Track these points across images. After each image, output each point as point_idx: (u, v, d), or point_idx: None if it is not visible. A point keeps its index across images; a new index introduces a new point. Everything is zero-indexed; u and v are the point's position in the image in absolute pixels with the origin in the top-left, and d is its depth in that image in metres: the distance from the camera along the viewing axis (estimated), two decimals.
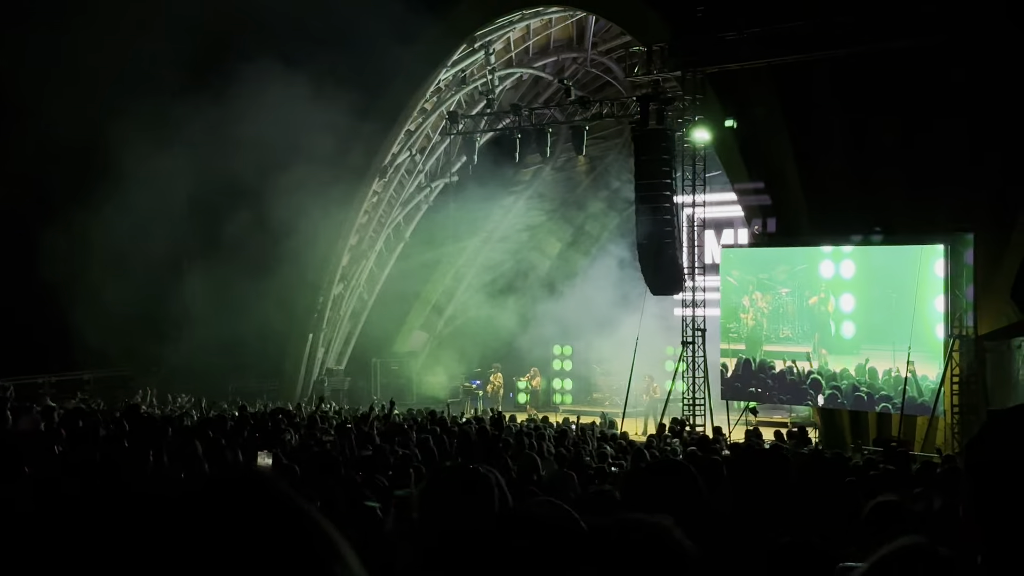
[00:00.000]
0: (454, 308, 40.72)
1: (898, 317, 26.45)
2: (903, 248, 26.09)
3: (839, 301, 28.57)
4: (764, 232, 28.33)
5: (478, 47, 34.43)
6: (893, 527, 4.97)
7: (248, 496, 1.09)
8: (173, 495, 1.09)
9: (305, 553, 1.06)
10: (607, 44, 34.68)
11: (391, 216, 37.47)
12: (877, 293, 27.12)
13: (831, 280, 28.06)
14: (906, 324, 26.07)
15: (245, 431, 16.48)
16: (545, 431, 20.33)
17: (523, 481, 9.98)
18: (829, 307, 27.81)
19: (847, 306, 28.27)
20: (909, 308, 26.25)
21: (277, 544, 1.05)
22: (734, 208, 30.57)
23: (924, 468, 14.38)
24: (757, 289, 29.28)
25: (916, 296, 25.79)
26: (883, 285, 27.06)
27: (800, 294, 29.39)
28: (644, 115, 28.29)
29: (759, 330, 29.12)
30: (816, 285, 28.48)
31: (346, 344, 38.76)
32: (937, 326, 25.36)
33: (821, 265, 28.34)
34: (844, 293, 28.20)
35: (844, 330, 28.28)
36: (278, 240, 32.95)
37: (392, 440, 15.11)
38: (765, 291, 29.06)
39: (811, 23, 25.13)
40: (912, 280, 25.98)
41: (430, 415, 22.79)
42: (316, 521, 1.10)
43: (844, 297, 28.26)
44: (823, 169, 26.43)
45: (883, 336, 26.85)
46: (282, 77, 30.50)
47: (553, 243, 41.07)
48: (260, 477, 1.11)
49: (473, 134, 34.68)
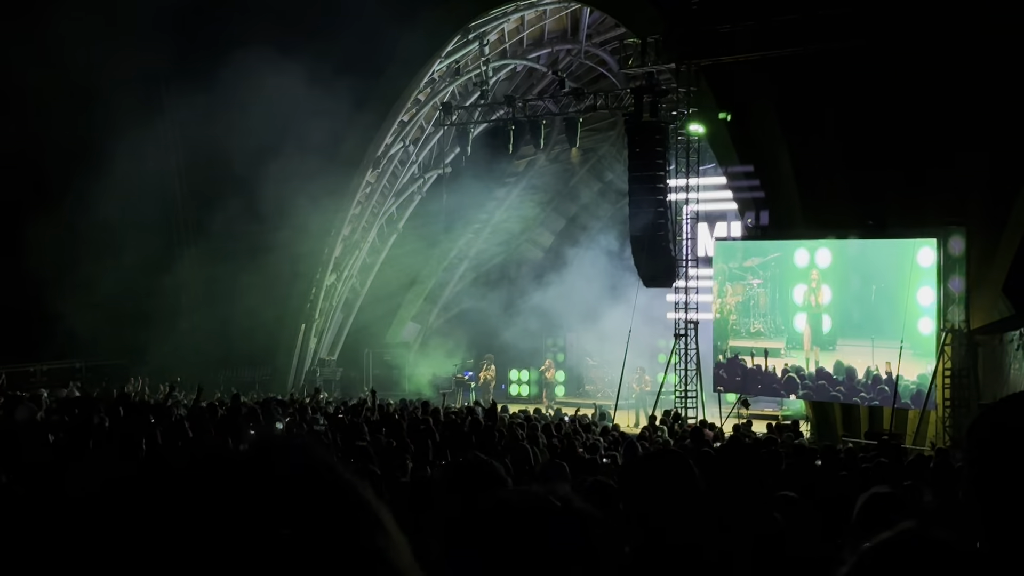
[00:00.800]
0: (447, 299, 40.71)
1: (878, 311, 26.32)
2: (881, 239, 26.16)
3: (818, 293, 28.48)
4: (757, 225, 28.35)
5: (472, 38, 34.39)
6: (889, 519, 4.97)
7: (292, 462, 1.08)
8: (215, 460, 1.09)
9: (350, 521, 1.05)
10: (601, 36, 34.65)
11: (384, 207, 37.45)
12: (855, 285, 26.91)
13: (804, 269, 27.97)
14: (886, 318, 26.01)
15: (237, 420, 16.47)
16: (538, 423, 20.34)
17: (517, 472, 9.98)
18: (819, 298, 27.60)
19: (824, 298, 28.17)
20: (890, 301, 26.18)
21: (322, 511, 1.05)
22: (727, 201, 30.60)
23: (915, 461, 14.42)
24: (728, 280, 29.20)
25: (898, 289, 25.75)
26: (861, 277, 26.87)
27: (773, 285, 29.26)
28: (638, 107, 28.30)
29: (724, 324, 29.06)
30: (791, 275, 28.34)
31: (339, 334, 38.74)
32: (920, 320, 25.24)
33: (796, 254, 28.21)
34: (821, 284, 28.13)
35: (821, 324, 28.22)
36: (271, 230, 32.93)
37: (382, 430, 15.10)
38: (735, 282, 28.96)
39: (805, 16, 25.16)
40: (893, 272, 25.92)
41: (423, 405, 22.78)
42: (359, 489, 1.09)
43: (820, 289, 28.18)
44: (816, 162, 26.44)
45: (861, 330, 26.68)
46: (276, 66, 30.43)
47: (546, 235, 41.07)
48: (303, 444, 1.10)
49: (467, 125, 34.65)
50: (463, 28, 33.85)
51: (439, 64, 34.90)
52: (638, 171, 28.39)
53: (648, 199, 28.18)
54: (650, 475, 3.96)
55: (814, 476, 12.55)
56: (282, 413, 18.16)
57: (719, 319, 29.25)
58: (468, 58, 35.35)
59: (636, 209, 28.55)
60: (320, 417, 19.00)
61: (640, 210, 28.37)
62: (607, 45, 34.51)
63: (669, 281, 29.05)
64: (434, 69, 34.97)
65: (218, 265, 33.15)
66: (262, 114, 30.90)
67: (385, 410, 21.38)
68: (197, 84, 31.10)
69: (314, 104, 30.88)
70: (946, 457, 14.32)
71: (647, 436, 19.42)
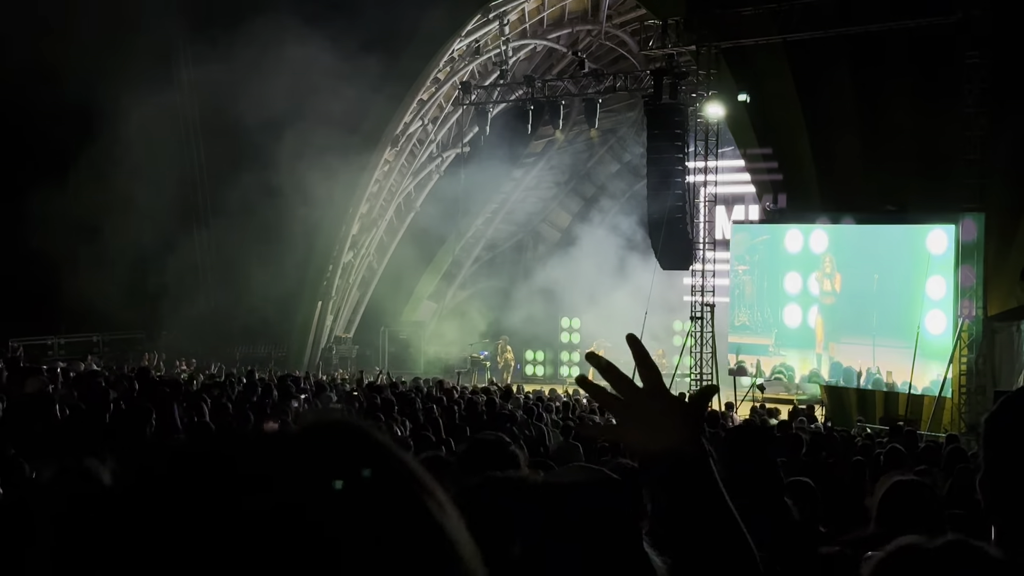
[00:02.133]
0: (463, 279, 40.73)
1: (881, 304, 25.83)
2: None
3: (807, 282, 27.85)
4: (775, 208, 28.27)
5: (492, 17, 34.32)
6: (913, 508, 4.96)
7: (357, 445, 1.08)
8: (269, 437, 1.09)
9: (418, 507, 1.05)
10: (622, 17, 34.55)
11: (402, 185, 37.45)
12: (854, 275, 26.38)
13: (798, 256, 27.66)
14: (890, 313, 25.53)
15: (254, 396, 16.52)
16: (552, 403, 20.38)
17: (531, 452, 9.99)
18: (835, 285, 27.10)
19: (815, 288, 27.69)
20: (895, 293, 25.63)
21: (389, 496, 1.04)
22: (746, 184, 30.53)
23: (929, 448, 14.39)
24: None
25: (905, 279, 25.37)
26: (862, 265, 26.30)
27: (761, 272, 28.82)
28: (657, 89, 28.24)
29: None
30: (781, 261, 27.99)
31: (355, 312, 38.80)
32: (929, 315, 24.76)
33: (787, 237, 27.81)
34: (813, 272, 27.74)
35: (810, 318, 27.76)
36: (289, 206, 32.91)
37: (401, 410, 15.13)
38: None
39: (826, 0, 25.05)
40: (900, 260, 25.51)
41: (437, 384, 22.84)
42: (423, 475, 1.09)
43: (813, 277, 27.65)
44: (835, 146, 26.37)
45: (860, 326, 26.23)
46: (295, 40, 30.37)
47: (564, 216, 41.03)
48: (363, 425, 1.10)
49: (486, 105, 34.59)
50: (483, 7, 33.76)
51: (459, 43, 34.83)
52: (657, 153, 28.35)
53: (666, 181, 28.14)
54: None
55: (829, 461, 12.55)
56: (296, 391, 18.20)
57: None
58: (488, 37, 35.28)
59: (654, 191, 28.52)
60: (333, 395, 19.04)
61: (658, 192, 28.34)
62: (627, 26, 34.40)
63: (686, 263, 29.03)
64: (454, 48, 34.90)
65: (235, 240, 33.16)
66: (281, 89, 30.84)
67: (399, 388, 21.43)
68: (214, 56, 30.97)
69: (333, 80, 30.81)
70: (957, 443, 14.31)
71: None
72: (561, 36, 35.75)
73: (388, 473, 1.04)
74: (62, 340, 33.29)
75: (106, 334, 34.52)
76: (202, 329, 33.79)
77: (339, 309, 38.01)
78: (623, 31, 34.72)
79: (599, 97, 31.94)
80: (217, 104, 31.65)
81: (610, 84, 31.90)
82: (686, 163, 28.35)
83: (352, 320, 38.74)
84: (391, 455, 1.06)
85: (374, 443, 1.07)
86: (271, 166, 31.81)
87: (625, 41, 34.84)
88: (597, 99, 31.87)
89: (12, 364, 15.83)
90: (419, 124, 36.53)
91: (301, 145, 31.71)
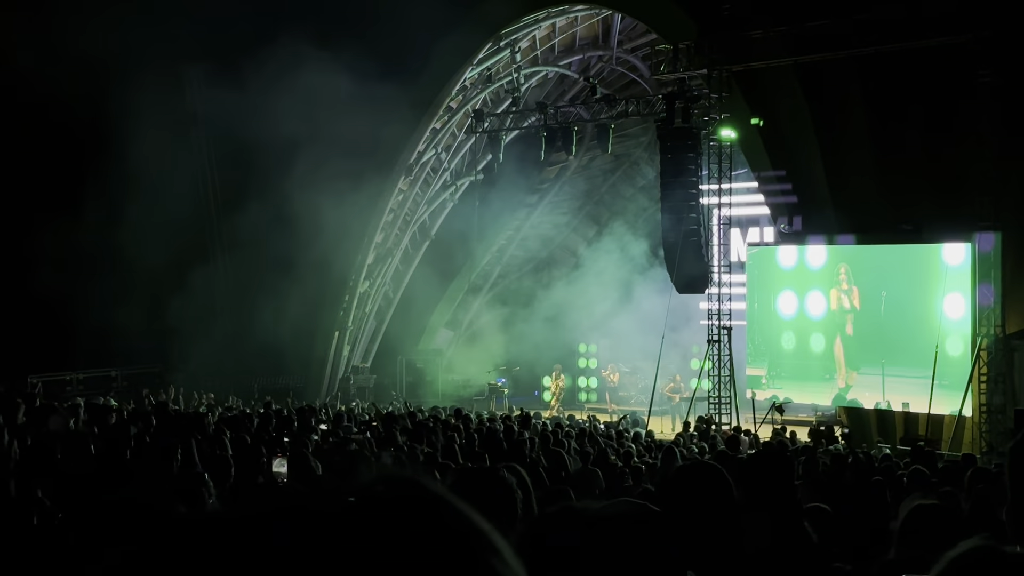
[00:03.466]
0: (479, 306, 40.75)
1: (891, 328, 25.49)
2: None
3: (805, 301, 27.46)
4: (790, 230, 28.24)
5: (504, 45, 34.44)
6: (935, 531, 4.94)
7: (430, 512, 1.12)
8: (331, 510, 1.12)
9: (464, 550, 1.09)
10: (633, 42, 34.64)
11: (416, 214, 37.53)
12: (861, 293, 26.13)
13: (791, 272, 27.43)
14: (902, 338, 25.14)
15: (271, 429, 16.53)
16: (571, 429, 20.34)
17: (552, 478, 9.99)
18: (854, 300, 26.63)
19: (816, 309, 27.31)
20: (906, 315, 25.23)
21: (460, 562, 1.08)
22: (760, 206, 30.52)
23: (949, 468, 14.31)
24: None
25: (918, 298, 25.08)
26: (866, 284, 25.99)
27: (751, 293, 28.65)
28: (670, 113, 28.27)
29: None
30: (774, 280, 27.75)
31: (372, 342, 38.84)
32: (948, 340, 24.38)
33: (778, 253, 27.48)
34: (812, 291, 27.36)
35: (814, 343, 27.41)
36: (304, 236, 32.99)
37: (419, 439, 15.14)
38: None
39: (837, 21, 25.08)
40: (912, 277, 25.23)
41: (455, 412, 22.81)
42: (490, 535, 1.13)
43: (813, 296, 27.32)
44: (849, 167, 26.35)
45: (869, 354, 25.91)
46: (308, 71, 30.51)
47: (578, 241, 41.06)
48: (426, 489, 1.14)
49: (498, 132, 34.68)
50: (495, 35, 33.89)
51: (471, 71, 34.96)
52: (670, 177, 28.35)
53: (681, 205, 28.13)
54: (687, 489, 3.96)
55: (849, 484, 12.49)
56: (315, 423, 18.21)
57: None
58: (500, 65, 35.40)
59: (669, 215, 28.50)
60: (353, 426, 19.04)
61: (673, 216, 28.32)
62: (638, 51, 34.49)
63: (702, 287, 28.97)
64: (466, 76, 35.03)
65: (250, 271, 33.27)
66: (294, 119, 30.98)
67: (417, 417, 21.42)
68: (227, 86, 31.11)
69: (346, 110, 30.96)
70: (975, 463, 14.23)
71: (680, 443, 19.36)
72: (572, 62, 35.85)
73: (457, 538, 1.07)
74: (80, 375, 33.35)
75: (124, 368, 34.56)
76: (219, 361, 33.83)
77: (356, 339, 38.05)
78: (634, 56, 34.81)
79: (611, 122, 31.99)
80: (231, 134, 31.77)
81: (622, 109, 31.95)
82: (700, 186, 28.34)
83: (369, 350, 38.77)
84: (459, 517, 1.10)
85: (445, 508, 1.10)
86: (285, 197, 31.92)
87: (636, 66, 34.92)
88: (610, 124, 31.92)
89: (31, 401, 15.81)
90: (432, 152, 36.63)
91: (315, 175, 31.82)
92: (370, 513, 1.09)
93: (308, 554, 1.05)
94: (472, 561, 1.07)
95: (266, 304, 32.19)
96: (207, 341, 33.53)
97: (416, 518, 1.09)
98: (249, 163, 32.01)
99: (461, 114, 36.14)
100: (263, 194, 32.16)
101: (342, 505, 1.11)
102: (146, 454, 8.61)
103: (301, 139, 31.46)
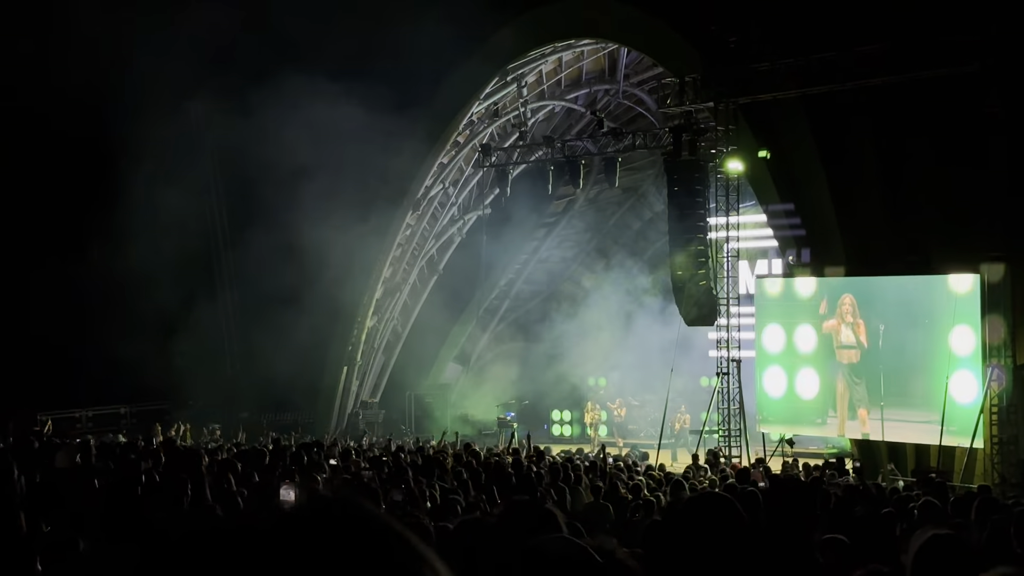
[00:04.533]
0: (488, 340, 40.72)
1: (890, 364, 25.12)
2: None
3: (794, 336, 26.80)
4: (799, 262, 28.20)
5: (510, 79, 34.57)
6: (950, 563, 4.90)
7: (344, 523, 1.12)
8: (259, 524, 1.13)
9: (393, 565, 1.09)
10: (639, 76, 34.75)
11: (424, 249, 37.58)
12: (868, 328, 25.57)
13: (774, 301, 27.23)
14: (903, 374, 24.79)
15: (280, 465, 16.49)
16: (581, 463, 20.27)
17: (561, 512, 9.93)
18: (859, 335, 26.32)
19: (806, 344, 26.74)
20: (907, 349, 24.83)
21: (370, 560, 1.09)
22: (768, 239, 30.50)
23: (960, 500, 14.22)
24: None
25: (921, 332, 24.76)
26: (873, 316, 25.41)
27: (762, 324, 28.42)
28: (677, 146, 28.30)
29: None
30: (763, 312, 27.43)
31: (380, 377, 38.81)
32: (956, 376, 23.91)
33: (765, 284, 27.38)
34: (802, 324, 26.88)
35: (769, 387, 27.21)
36: (312, 272, 33.02)
37: (430, 474, 15.09)
38: None
39: (843, 53, 25.13)
40: (914, 309, 24.91)
41: (465, 447, 22.75)
42: (404, 536, 1.13)
43: (802, 331, 26.81)
44: (857, 199, 26.33)
45: (872, 395, 25.43)
46: (317, 105, 30.58)
47: (586, 274, 41.06)
48: (350, 500, 1.15)
49: (506, 166, 34.75)
50: (501, 70, 34.02)
51: (478, 106, 35.08)
52: (678, 209, 28.34)
53: (688, 237, 28.12)
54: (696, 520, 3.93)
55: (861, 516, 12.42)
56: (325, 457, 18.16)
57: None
58: (506, 99, 35.52)
59: (677, 247, 28.49)
60: (362, 461, 18.98)
61: (681, 248, 28.31)
62: (645, 85, 34.60)
63: (711, 320, 28.90)
64: (473, 111, 35.14)
65: (258, 306, 33.27)
66: (302, 153, 31.06)
67: (426, 452, 21.37)
68: (236, 119, 31.18)
69: (354, 145, 31.02)
70: (989, 494, 14.12)
71: (690, 476, 19.28)
72: (579, 96, 35.98)
73: (384, 550, 1.08)
74: (89, 412, 33.35)
75: (133, 405, 34.56)
76: (228, 397, 33.83)
77: (364, 374, 38.03)
78: (641, 89, 34.92)
79: (618, 155, 32.04)
80: (238, 168, 31.87)
81: (629, 142, 32.00)
82: (707, 219, 28.34)
83: (378, 385, 38.73)
84: (387, 531, 1.11)
85: (370, 521, 1.11)
86: (293, 231, 31.94)
87: (643, 99, 35.02)
88: (617, 157, 31.97)
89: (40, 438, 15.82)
90: (440, 187, 36.72)
91: (323, 210, 31.86)
92: (295, 530, 1.11)
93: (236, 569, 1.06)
94: (402, 571, 1.09)
95: (274, 339, 32.17)
96: (215, 376, 33.54)
97: (343, 533, 1.10)
98: (257, 197, 32.07)
99: (468, 148, 36.24)
100: (271, 229, 32.19)
101: (268, 523, 1.13)
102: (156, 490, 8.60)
103: (309, 173, 31.53)
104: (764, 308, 28.02)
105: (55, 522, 6.39)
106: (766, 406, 27.73)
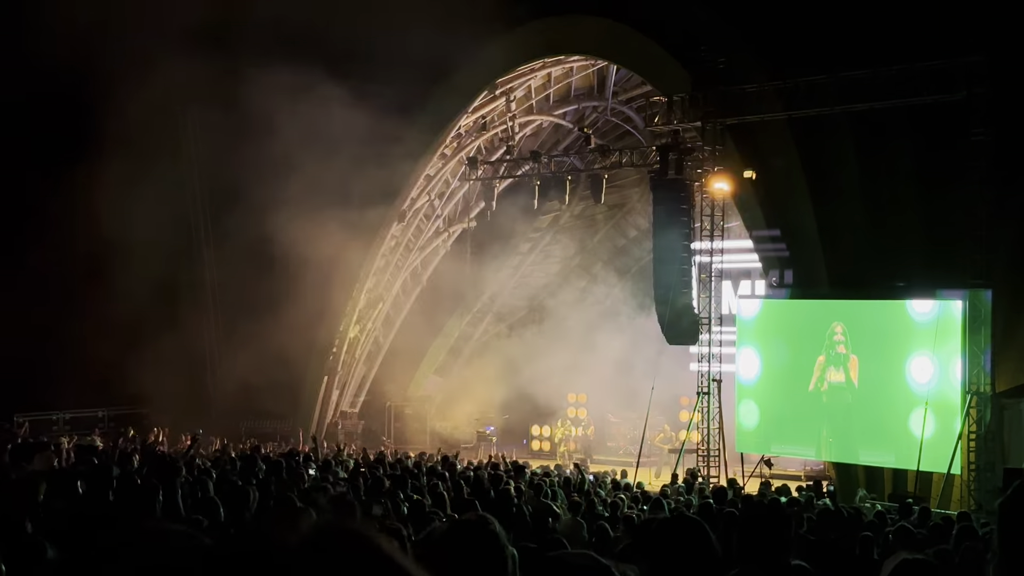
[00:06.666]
0: (470, 353, 40.68)
1: (866, 402, 25.21)
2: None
3: (774, 361, 26.95)
4: (781, 284, 28.24)
5: (499, 94, 34.60)
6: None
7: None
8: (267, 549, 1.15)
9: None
10: (627, 93, 34.80)
11: (408, 260, 37.55)
12: (785, 365, 26.17)
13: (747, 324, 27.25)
14: (879, 413, 25.06)
15: (258, 472, 16.42)
16: (558, 479, 20.25)
17: (539, 528, 9.94)
18: (852, 373, 26.00)
19: (750, 370, 27.01)
20: (878, 383, 25.23)
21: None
22: (752, 259, 30.55)
23: (938, 525, 14.25)
24: None
25: (880, 363, 25.08)
26: (796, 342, 25.80)
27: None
28: (663, 164, 28.35)
29: None
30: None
31: (361, 387, 38.72)
32: (915, 415, 24.03)
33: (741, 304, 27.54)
34: (745, 346, 27.02)
35: (744, 418, 27.32)
36: (295, 280, 32.95)
37: (404, 485, 15.05)
38: None
39: (830, 77, 25.24)
40: (872, 336, 25.15)
41: (442, 460, 22.70)
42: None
43: (746, 356, 26.96)
44: (841, 221, 26.42)
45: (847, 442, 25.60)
46: (303, 115, 30.54)
47: (570, 290, 41.04)
48: (367, 536, 1.17)
49: (492, 180, 34.77)
50: (490, 84, 34.04)
51: (466, 119, 35.10)
52: (662, 228, 28.39)
53: (672, 256, 28.14)
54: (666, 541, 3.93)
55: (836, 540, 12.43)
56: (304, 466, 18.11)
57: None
58: (495, 113, 35.55)
59: (660, 266, 28.52)
60: (341, 471, 18.93)
61: (664, 267, 28.34)
62: (633, 102, 34.64)
63: (692, 339, 28.93)
64: (460, 123, 35.16)
65: (239, 314, 33.17)
66: (287, 164, 31.02)
67: (404, 464, 21.31)
68: (221, 126, 31.07)
69: (340, 155, 30.99)
70: (969, 521, 14.16)
71: (669, 494, 19.27)
72: (567, 112, 36.00)
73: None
74: (67, 415, 33.20)
75: (111, 409, 34.40)
76: (207, 404, 33.69)
77: (345, 384, 37.95)
78: (629, 107, 34.96)
79: (605, 172, 32.11)
80: (222, 175, 31.76)
81: (616, 160, 32.08)
82: (692, 238, 28.38)
83: (358, 395, 38.64)
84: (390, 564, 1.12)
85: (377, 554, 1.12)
86: (276, 241, 31.84)
87: (631, 117, 35.06)
88: (603, 174, 32.03)
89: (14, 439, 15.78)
90: (426, 199, 36.71)
91: (307, 220, 31.78)
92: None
93: None
94: None
95: (255, 347, 32.06)
96: (194, 382, 33.40)
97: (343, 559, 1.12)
98: (240, 204, 31.97)
99: (455, 161, 36.25)
100: (254, 236, 32.10)
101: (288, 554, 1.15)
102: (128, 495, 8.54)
103: (294, 182, 31.46)
104: (744, 329, 28.04)
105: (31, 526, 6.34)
106: (744, 431, 27.69)
